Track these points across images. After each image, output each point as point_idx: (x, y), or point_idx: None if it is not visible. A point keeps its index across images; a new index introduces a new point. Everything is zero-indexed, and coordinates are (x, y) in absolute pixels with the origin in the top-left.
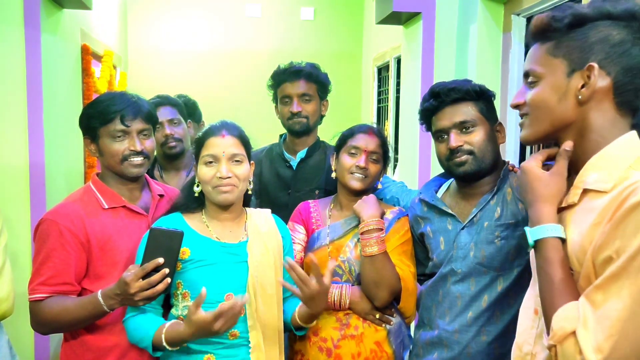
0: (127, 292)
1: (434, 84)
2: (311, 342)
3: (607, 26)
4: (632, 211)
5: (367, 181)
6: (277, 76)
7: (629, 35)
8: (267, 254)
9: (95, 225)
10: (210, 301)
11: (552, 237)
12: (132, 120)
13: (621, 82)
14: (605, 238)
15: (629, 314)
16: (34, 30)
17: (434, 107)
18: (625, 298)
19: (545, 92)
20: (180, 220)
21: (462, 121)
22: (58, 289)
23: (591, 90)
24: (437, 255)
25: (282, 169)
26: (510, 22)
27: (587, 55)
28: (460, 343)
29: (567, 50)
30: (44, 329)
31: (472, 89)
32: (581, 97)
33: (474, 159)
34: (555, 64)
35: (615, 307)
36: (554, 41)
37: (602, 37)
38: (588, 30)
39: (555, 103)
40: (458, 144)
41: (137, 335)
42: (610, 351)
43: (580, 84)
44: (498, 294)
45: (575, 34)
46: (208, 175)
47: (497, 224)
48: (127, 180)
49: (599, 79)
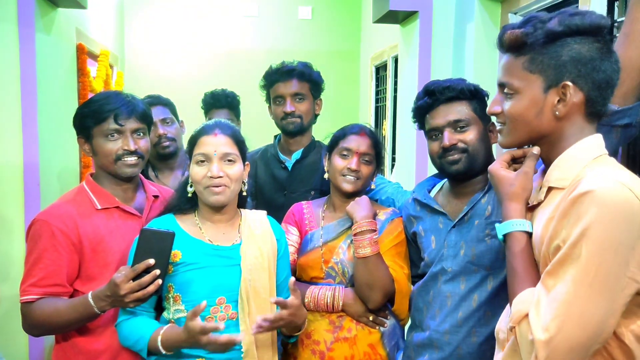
0: (118, 293)
1: (429, 82)
2: (304, 345)
3: (578, 42)
4: (575, 202)
5: (360, 183)
6: (270, 76)
7: (597, 51)
8: (261, 257)
9: (87, 226)
10: None
11: (517, 230)
12: (126, 119)
13: (592, 96)
14: (554, 229)
15: (572, 296)
16: (28, 29)
17: (428, 105)
18: (569, 282)
19: (522, 106)
20: (172, 222)
21: (457, 120)
22: (49, 291)
23: (568, 107)
24: (428, 254)
25: (278, 170)
26: (507, 20)
27: (562, 73)
28: (451, 344)
29: (542, 67)
30: (35, 331)
31: (466, 88)
32: (558, 113)
33: (467, 158)
34: (531, 79)
35: (561, 291)
36: (528, 56)
37: (574, 55)
38: (560, 48)
39: (532, 117)
40: (452, 142)
41: (132, 338)
42: (556, 330)
43: (556, 100)
44: (488, 294)
45: (548, 50)
46: (199, 174)
47: (488, 222)
48: (121, 181)
49: (574, 95)
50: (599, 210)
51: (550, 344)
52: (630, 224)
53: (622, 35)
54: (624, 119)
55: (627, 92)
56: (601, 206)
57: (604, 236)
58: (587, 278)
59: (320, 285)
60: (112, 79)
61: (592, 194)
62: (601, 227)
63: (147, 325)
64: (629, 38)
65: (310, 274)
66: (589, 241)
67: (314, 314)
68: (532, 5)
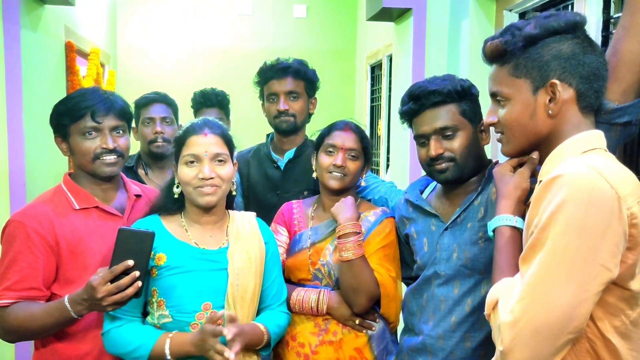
0: (95, 296)
1: (413, 84)
2: (289, 347)
3: (557, 42)
4: (546, 188)
5: (347, 180)
6: (264, 73)
7: (577, 45)
8: (248, 261)
9: (65, 226)
10: (186, 310)
11: (503, 225)
12: (104, 116)
13: (582, 90)
14: (529, 215)
15: (538, 278)
16: (13, 26)
17: (413, 111)
18: (536, 265)
19: (516, 111)
20: (157, 223)
21: (443, 127)
22: (25, 294)
23: (560, 104)
24: (421, 257)
25: (270, 170)
26: (502, 18)
27: (546, 73)
28: (445, 349)
29: (526, 71)
30: (10, 337)
31: (453, 89)
32: (551, 111)
33: (454, 166)
34: (519, 84)
35: (529, 274)
36: (512, 63)
37: (555, 53)
38: (540, 49)
39: (527, 120)
40: (438, 152)
41: (129, 346)
42: (520, 313)
43: (547, 99)
44: (481, 298)
45: (529, 53)
46: (189, 175)
47: (481, 224)
48: (101, 180)
49: (563, 92)
50: (566, 193)
51: (516, 326)
52: (599, 208)
53: (620, 28)
54: (623, 116)
55: (627, 88)
56: (569, 189)
57: (570, 218)
58: (553, 260)
59: (307, 287)
60: (104, 78)
61: (561, 178)
62: (568, 210)
63: (147, 333)
64: (629, 32)
65: (298, 275)
66: (555, 224)
67: (300, 316)
68: (527, 3)
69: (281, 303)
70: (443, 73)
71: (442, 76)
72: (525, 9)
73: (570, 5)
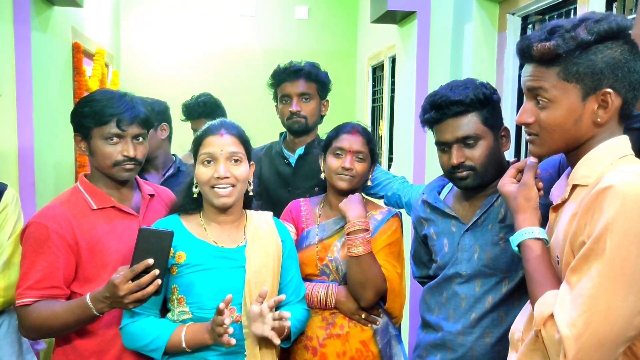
0: (117, 294)
1: (435, 92)
2: (297, 340)
3: (610, 47)
4: (597, 197)
5: (355, 181)
6: (277, 75)
7: (628, 52)
8: (266, 259)
9: (83, 226)
10: (205, 307)
11: (528, 239)
12: (129, 125)
13: (629, 98)
14: (578, 224)
15: (599, 291)
16: (24, 28)
17: (435, 120)
18: (595, 276)
19: (560, 116)
20: (177, 222)
21: (465, 136)
22: (46, 293)
23: (610, 113)
24: (441, 258)
25: (282, 167)
26: (506, 21)
27: (600, 80)
28: (464, 345)
29: (578, 76)
30: (33, 335)
31: (476, 98)
32: (600, 119)
33: (475, 175)
34: (568, 88)
35: (586, 286)
36: (562, 66)
37: (609, 60)
38: (594, 56)
39: (571, 125)
40: (460, 160)
41: (145, 339)
42: (584, 326)
43: (596, 107)
44: (502, 295)
45: (582, 59)
46: (206, 175)
47: (502, 225)
48: (117, 183)
49: (615, 101)
50: (621, 203)
51: (580, 339)
52: None
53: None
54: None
55: None
56: (623, 200)
57: (628, 229)
58: (612, 272)
59: (314, 282)
60: (108, 78)
61: (614, 188)
62: (624, 221)
63: (163, 325)
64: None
65: (306, 271)
66: (612, 235)
67: None
68: (531, 6)
69: (300, 299)
70: (446, 75)
71: (464, 82)
72: (528, 12)
73: (573, 9)
